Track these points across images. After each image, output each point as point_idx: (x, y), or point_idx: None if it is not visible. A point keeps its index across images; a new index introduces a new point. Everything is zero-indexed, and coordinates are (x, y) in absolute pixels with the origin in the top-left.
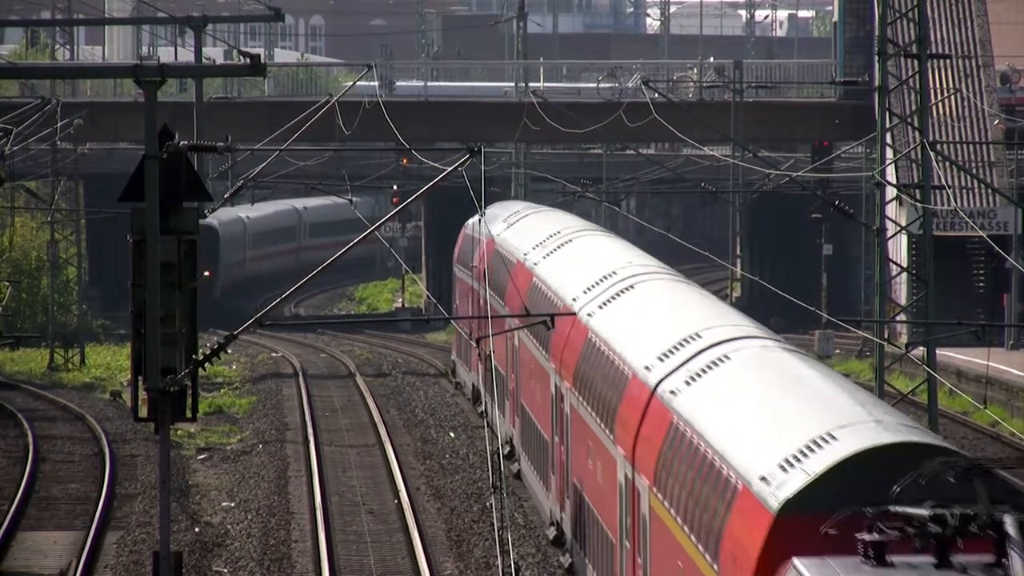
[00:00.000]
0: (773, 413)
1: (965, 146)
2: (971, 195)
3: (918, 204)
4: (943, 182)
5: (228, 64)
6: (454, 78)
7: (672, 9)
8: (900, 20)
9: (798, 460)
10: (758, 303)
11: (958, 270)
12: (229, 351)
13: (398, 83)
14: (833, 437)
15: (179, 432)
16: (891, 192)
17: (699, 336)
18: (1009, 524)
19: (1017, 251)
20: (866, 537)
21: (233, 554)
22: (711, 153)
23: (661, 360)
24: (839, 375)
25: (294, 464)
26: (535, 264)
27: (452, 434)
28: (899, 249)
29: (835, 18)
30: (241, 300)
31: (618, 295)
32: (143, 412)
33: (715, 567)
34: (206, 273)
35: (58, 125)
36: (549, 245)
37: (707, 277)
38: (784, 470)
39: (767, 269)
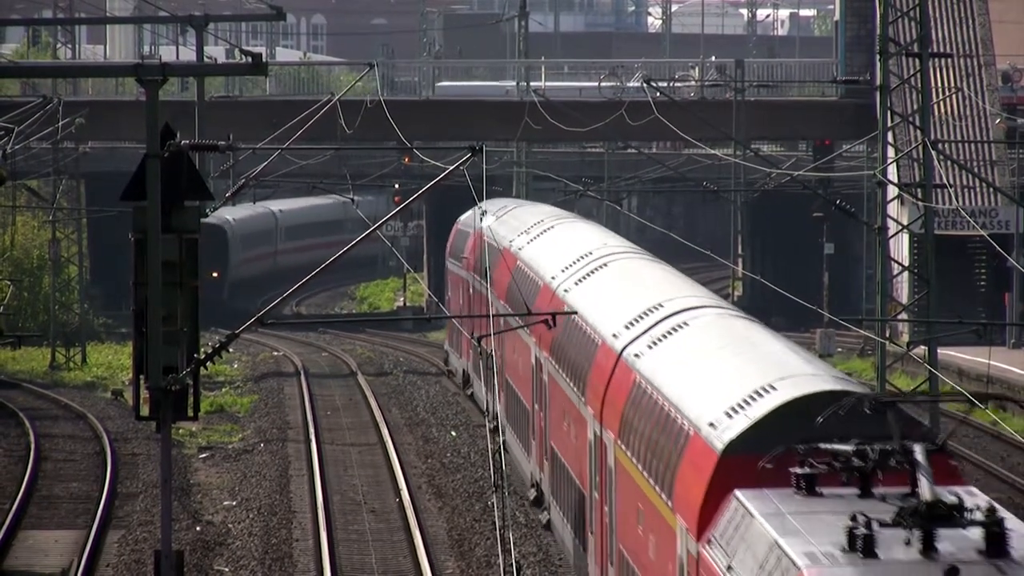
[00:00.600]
0: (723, 370)
1: (966, 145)
2: (972, 194)
3: (919, 203)
4: (944, 181)
5: (230, 63)
6: (456, 78)
7: (674, 8)
8: (901, 19)
9: (742, 408)
10: (759, 302)
11: (960, 269)
12: (231, 350)
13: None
14: (773, 387)
15: (180, 431)
16: (893, 191)
17: (661, 306)
18: (918, 452)
19: (1018, 250)
20: (798, 471)
21: (235, 553)
22: (713, 152)
23: (627, 328)
24: (784, 338)
25: (295, 463)
26: (519, 249)
27: (454, 433)
28: (900, 248)
29: (836, 17)
30: (241, 300)
31: (591, 273)
32: (145, 411)
33: (669, 504)
34: (214, 274)
35: (60, 124)
36: (532, 232)
37: (709, 276)
38: (729, 416)
39: (768, 268)
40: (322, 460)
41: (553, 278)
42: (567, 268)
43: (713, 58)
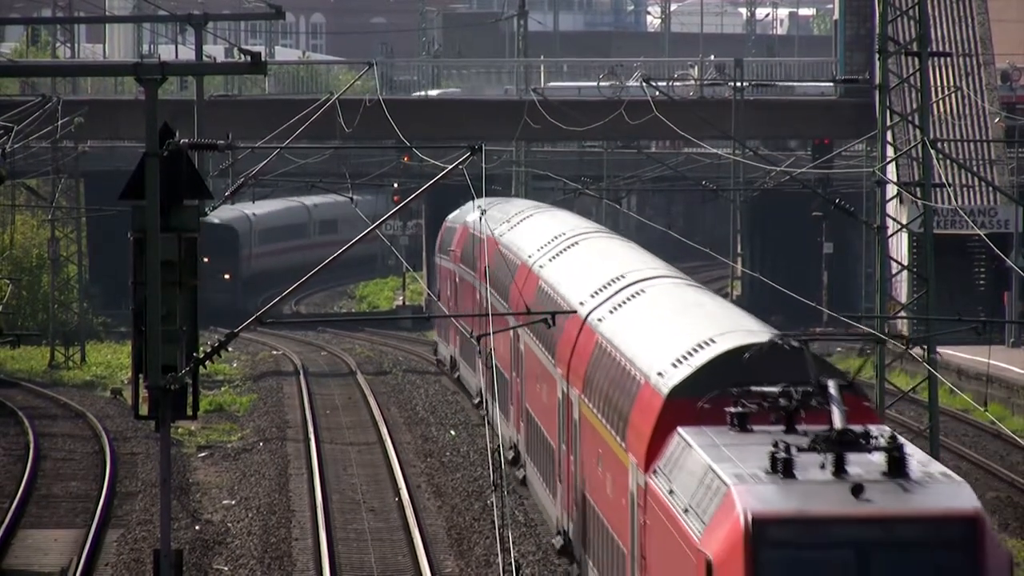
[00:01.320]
0: (672, 328)
1: (966, 144)
2: (972, 193)
3: (919, 202)
4: (944, 180)
5: (229, 62)
6: (455, 78)
7: (673, 7)
8: (901, 18)
9: (685, 359)
10: (759, 300)
11: (959, 268)
12: (230, 349)
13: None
14: (713, 341)
15: (180, 430)
16: (892, 190)
17: (623, 277)
18: (831, 386)
19: (1017, 249)
20: (732, 410)
21: (234, 552)
22: (712, 151)
23: (592, 296)
24: (729, 303)
25: (295, 462)
26: (501, 235)
27: (453, 432)
28: (900, 247)
29: (835, 16)
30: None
31: (564, 250)
32: (144, 410)
33: (623, 445)
34: (225, 276)
35: (59, 123)
36: (512, 221)
37: (708, 275)
38: (675, 366)
39: (768, 267)
40: (321, 459)
41: (529, 256)
42: (542, 248)
43: (712, 57)
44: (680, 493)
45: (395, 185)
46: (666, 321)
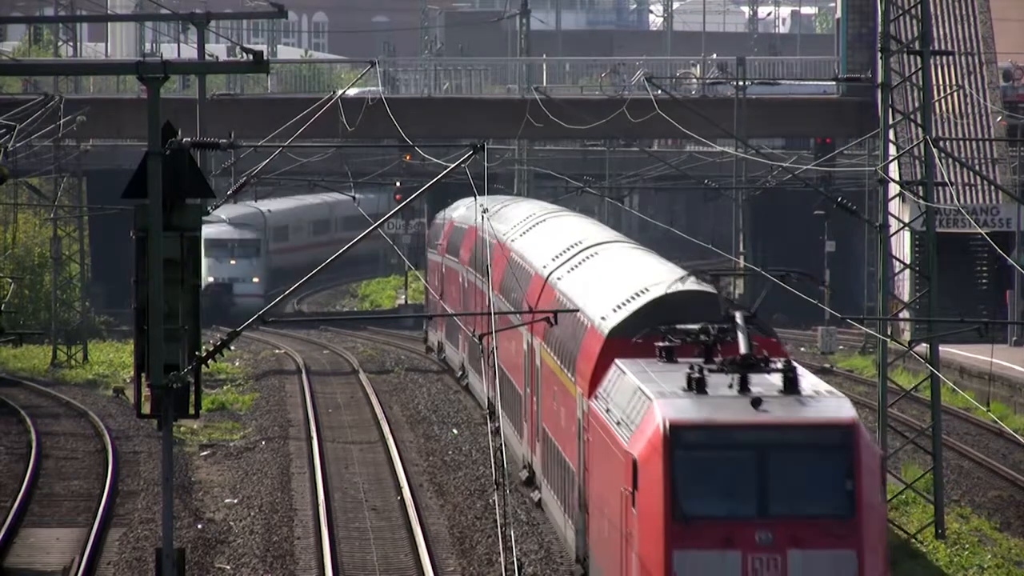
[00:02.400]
0: (616, 281)
1: (968, 143)
2: (974, 192)
3: (921, 201)
4: (946, 179)
5: (231, 61)
6: (457, 77)
7: (675, 5)
8: (903, 17)
9: (623, 305)
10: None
11: (961, 266)
12: (232, 348)
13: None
14: (647, 290)
15: (182, 428)
16: (894, 189)
17: (580, 243)
18: (738, 317)
19: (1020, 248)
20: (660, 344)
21: (236, 551)
22: (715, 149)
23: (553, 260)
24: (666, 261)
25: (297, 461)
26: (479, 224)
27: (455, 431)
28: (902, 246)
29: (838, 15)
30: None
31: (533, 227)
32: (146, 409)
33: (573, 379)
34: (255, 279)
35: (61, 122)
36: (492, 210)
37: None
38: (615, 311)
39: (770, 265)
40: (323, 458)
41: (505, 234)
42: (515, 226)
43: (715, 56)
44: (614, 410)
45: (397, 184)
46: (611, 276)
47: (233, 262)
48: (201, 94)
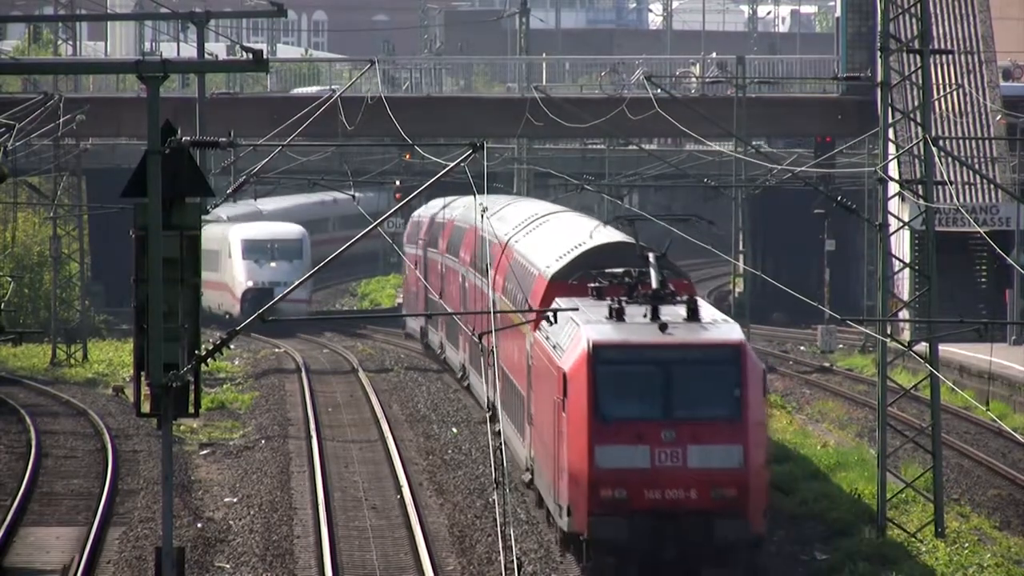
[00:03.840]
0: (560, 239)
1: (967, 142)
2: (973, 191)
3: (920, 200)
4: (945, 178)
5: (231, 60)
6: (456, 73)
7: (675, 4)
8: (902, 16)
9: (563, 255)
10: (761, 298)
11: (961, 266)
12: (231, 347)
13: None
14: (583, 243)
15: (181, 427)
16: (893, 188)
17: (537, 214)
18: (650, 257)
19: (1019, 247)
20: (592, 285)
21: (235, 550)
22: (714, 148)
23: (513, 229)
24: (604, 224)
25: (296, 459)
26: (455, 217)
27: (455, 429)
28: (901, 245)
29: (837, 14)
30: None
31: (500, 209)
32: (146, 407)
33: (522, 317)
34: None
35: (60, 121)
36: (465, 205)
37: (709, 272)
38: (557, 260)
39: (770, 264)
40: (323, 456)
41: (480, 217)
42: (484, 211)
43: (714, 54)
44: (552, 337)
45: (397, 183)
46: (556, 236)
47: (274, 264)
48: (200, 93)
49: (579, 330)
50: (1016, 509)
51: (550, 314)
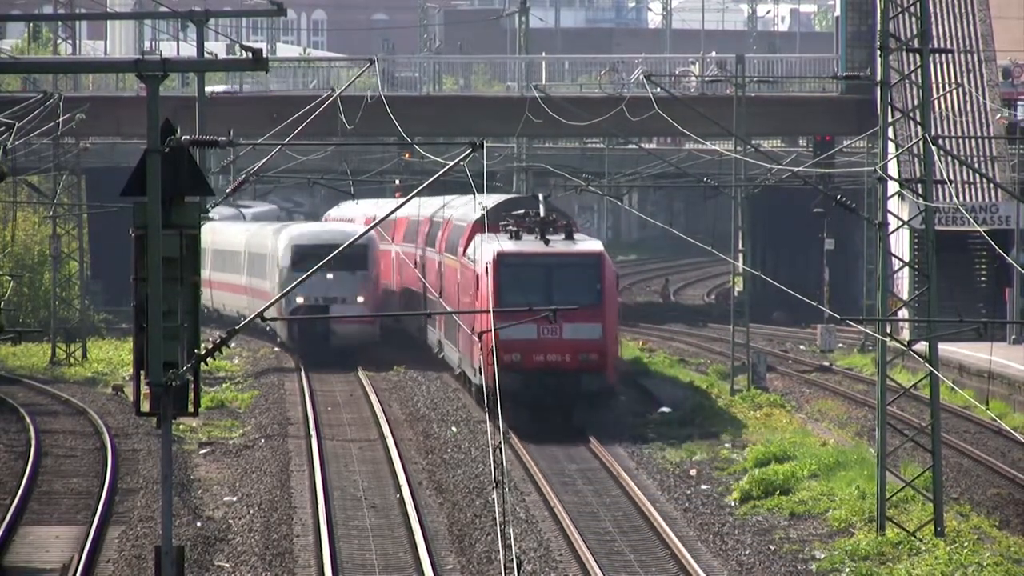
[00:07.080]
0: (481, 206)
1: (967, 141)
2: (973, 190)
3: (920, 199)
4: (945, 177)
5: (230, 59)
6: (456, 74)
7: (674, 3)
8: (902, 14)
9: (481, 210)
10: (760, 297)
11: (960, 264)
12: (231, 346)
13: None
14: (497, 201)
15: (181, 426)
16: (893, 187)
17: (471, 200)
18: (540, 197)
19: (1019, 246)
20: (502, 223)
21: (235, 548)
22: (713, 147)
23: (453, 209)
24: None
25: (296, 458)
26: (433, 213)
27: (454, 429)
28: (901, 244)
29: (837, 13)
30: None
31: (444, 206)
32: (145, 406)
33: (455, 256)
34: (360, 299)
35: (60, 120)
36: (437, 203)
37: (709, 271)
38: (475, 214)
39: (769, 263)
40: (323, 456)
41: (438, 213)
42: (443, 207)
43: (713, 54)
44: (471, 256)
45: (396, 182)
46: (474, 203)
47: (331, 276)
48: (200, 92)
49: (489, 246)
50: (1016, 508)
51: (473, 244)
